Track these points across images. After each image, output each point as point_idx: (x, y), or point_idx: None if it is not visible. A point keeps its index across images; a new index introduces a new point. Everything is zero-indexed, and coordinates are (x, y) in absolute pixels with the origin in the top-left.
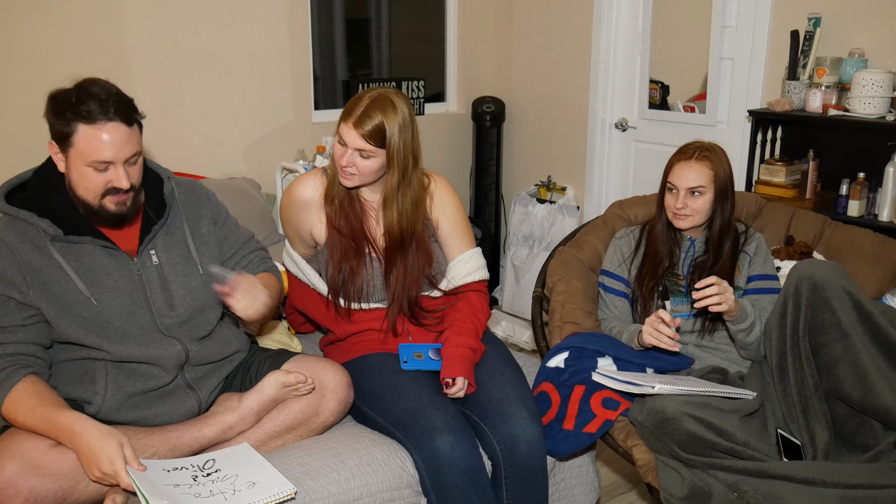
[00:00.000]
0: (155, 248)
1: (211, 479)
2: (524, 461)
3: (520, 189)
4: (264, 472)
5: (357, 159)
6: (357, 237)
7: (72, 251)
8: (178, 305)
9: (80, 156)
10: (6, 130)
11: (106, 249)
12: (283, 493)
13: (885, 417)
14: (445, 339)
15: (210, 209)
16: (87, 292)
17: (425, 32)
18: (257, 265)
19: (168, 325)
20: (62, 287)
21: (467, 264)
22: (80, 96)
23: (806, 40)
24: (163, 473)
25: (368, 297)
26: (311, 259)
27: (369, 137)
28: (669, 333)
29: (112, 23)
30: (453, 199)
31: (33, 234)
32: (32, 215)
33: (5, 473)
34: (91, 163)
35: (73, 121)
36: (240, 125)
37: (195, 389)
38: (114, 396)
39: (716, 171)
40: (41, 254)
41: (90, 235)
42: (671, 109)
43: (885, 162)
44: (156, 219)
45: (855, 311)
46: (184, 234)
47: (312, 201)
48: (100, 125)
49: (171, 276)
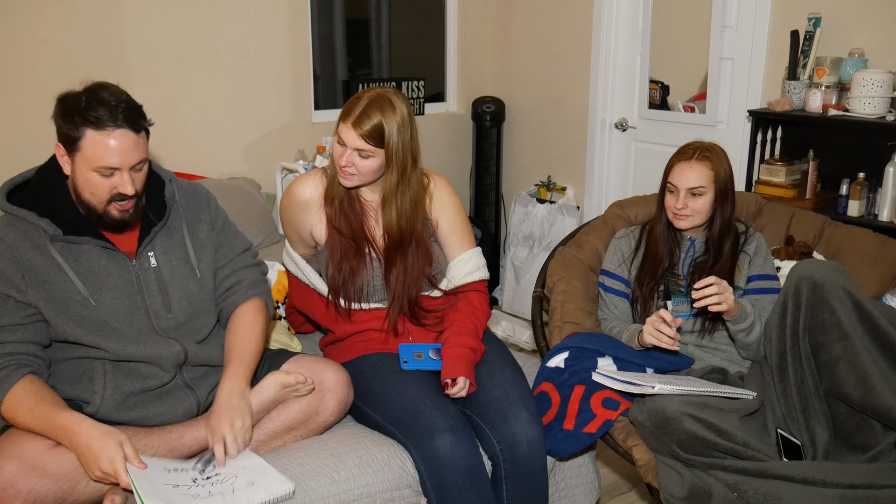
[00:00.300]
0: (154, 251)
1: (210, 482)
2: (524, 461)
3: (520, 189)
4: (263, 471)
5: (356, 159)
6: (357, 237)
7: (71, 251)
8: (174, 308)
9: (86, 161)
10: (6, 130)
11: (105, 250)
12: (282, 492)
13: (884, 417)
14: (446, 339)
15: (209, 213)
16: (86, 292)
17: (425, 32)
18: (246, 290)
19: (165, 328)
20: (61, 286)
21: (467, 264)
22: (89, 101)
23: (806, 40)
24: (163, 473)
25: (368, 297)
26: (311, 259)
27: (368, 137)
28: (670, 333)
29: (112, 22)
30: (453, 199)
31: (33, 234)
32: (33, 214)
33: (4, 474)
34: (97, 168)
35: (81, 125)
36: (240, 125)
37: (194, 389)
38: (112, 396)
39: (716, 172)
40: (40, 253)
41: (90, 236)
42: (671, 109)
43: (885, 162)
44: (156, 221)
45: (855, 311)
46: (183, 238)
47: (312, 201)
48: (108, 132)
49: (168, 278)
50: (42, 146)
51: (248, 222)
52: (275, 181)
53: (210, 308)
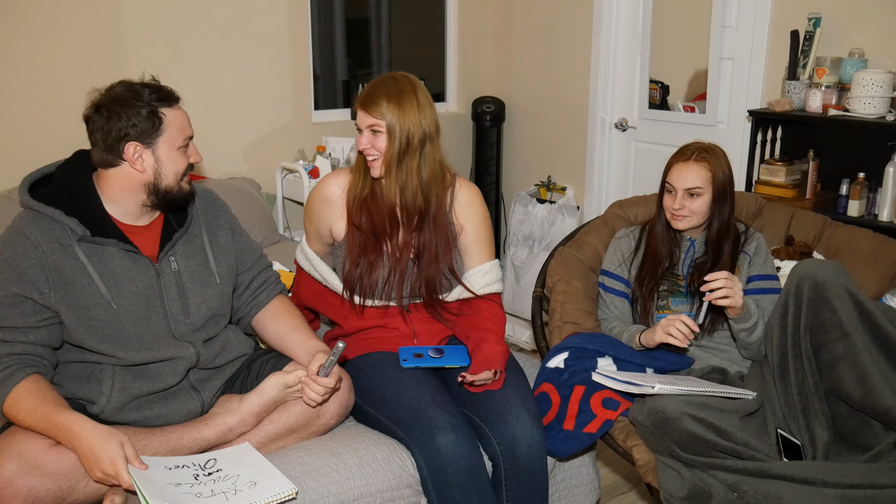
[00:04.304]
0: (175, 256)
1: (212, 479)
2: (524, 462)
3: (520, 189)
4: (266, 471)
5: (372, 139)
6: (377, 231)
7: (96, 253)
8: (193, 313)
9: (172, 139)
10: (6, 130)
11: (128, 253)
12: (285, 493)
13: (885, 417)
14: (478, 338)
15: (227, 219)
16: (108, 295)
17: (425, 32)
18: (273, 286)
19: (182, 332)
20: (84, 289)
21: (487, 275)
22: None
23: (806, 40)
24: (165, 472)
25: (382, 293)
26: (325, 256)
27: (374, 112)
28: (684, 330)
29: (112, 23)
30: (482, 209)
31: (60, 233)
32: (60, 213)
33: (4, 473)
34: (184, 140)
35: (158, 109)
36: (240, 125)
37: (199, 391)
38: (118, 398)
39: (714, 173)
40: (66, 254)
41: (115, 238)
42: (671, 109)
43: (885, 162)
44: (177, 227)
45: (856, 310)
46: (203, 243)
47: (336, 197)
48: (176, 107)
49: (188, 283)
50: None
51: (249, 222)
52: (275, 181)
53: (225, 311)
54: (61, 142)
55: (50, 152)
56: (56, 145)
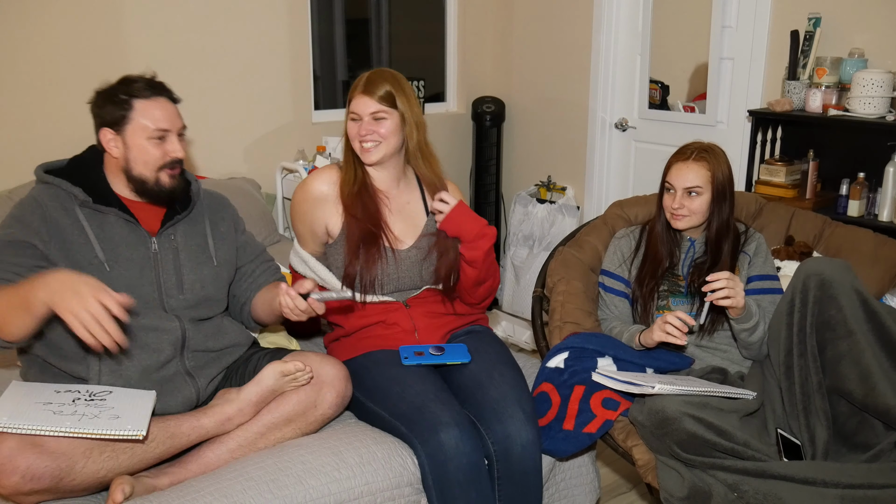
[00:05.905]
0: (175, 234)
1: (87, 405)
2: (518, 462)
3: (520, 189)
4: (136, 412)
5: (374, 125)
6: (374, 221)
7: (96, 218)
8: (187, 290)
9: (139, 130)
10: (7, 130)
11: (128, 223)
12: (130, 432)
13: (885, 416)
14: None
15: (232, 216)
16: (102, 257)
17: (425, 32)
18: (273, 272)
19: (173, 306)
20: (80, 248)
21: None
22: (128, 81)
23: (806, 40)
24: (51, 393)
25: (382, 287)
26: (320, 257)
27: (381, 100)
28: (678, 324)
29: (112, 23)
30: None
31: (64, 198)
32: (66, 182)
33: (3, 450)
34: (151, 133)
35: (129, 99)
36: (240, 125)
37: (194, 377)
38: (108, 378)
39: (713, 172)
40: (68, 214)
41: (116, 207)
42: (671, 109)
43: (885, 162)
44: (180, 210)
45: (862, 309)
46: (204, 228)
47: (328, 195)
48: (153, 100)
49: (185, 260)
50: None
51: (249, 222)
52: (275, 181)
53: (220, 297)
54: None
55: (50, 153)
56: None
